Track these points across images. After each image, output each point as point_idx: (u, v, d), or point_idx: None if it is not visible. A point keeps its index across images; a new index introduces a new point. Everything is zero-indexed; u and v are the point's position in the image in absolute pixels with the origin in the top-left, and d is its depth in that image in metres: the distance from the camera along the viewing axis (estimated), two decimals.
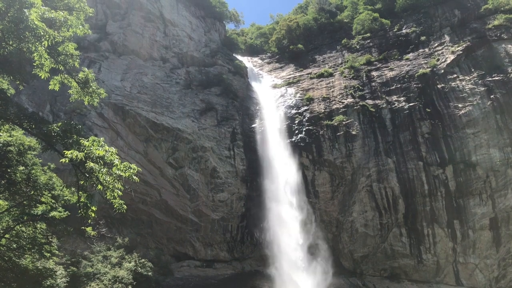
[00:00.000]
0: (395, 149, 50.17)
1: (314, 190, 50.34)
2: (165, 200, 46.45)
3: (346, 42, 69.88)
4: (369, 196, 48.89)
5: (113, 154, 14.38)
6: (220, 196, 48.68)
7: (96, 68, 49.69)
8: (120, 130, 46.56)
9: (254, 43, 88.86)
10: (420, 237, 47.21)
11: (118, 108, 47.38)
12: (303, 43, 74.67)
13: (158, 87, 52.64)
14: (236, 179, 50.11)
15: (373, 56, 63.19)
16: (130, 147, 46.47)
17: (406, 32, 64.36)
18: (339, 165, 50.40)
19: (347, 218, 49.31)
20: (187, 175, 47.73)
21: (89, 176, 14.30)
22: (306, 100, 57.55)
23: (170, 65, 57.34)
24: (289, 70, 69.07)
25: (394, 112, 52.37)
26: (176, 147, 48.59)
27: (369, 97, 55.29)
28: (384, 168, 49.18)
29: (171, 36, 60.69)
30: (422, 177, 47.79)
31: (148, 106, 49.26)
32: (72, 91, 16.63)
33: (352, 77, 59.51)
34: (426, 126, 49.85)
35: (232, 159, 50.79)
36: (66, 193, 24.65)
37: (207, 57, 62.59)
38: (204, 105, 53.94)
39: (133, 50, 55.47)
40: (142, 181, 43.88)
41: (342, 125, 52.34)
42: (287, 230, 47.42)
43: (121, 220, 44.55)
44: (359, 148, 50.87)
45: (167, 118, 49.49)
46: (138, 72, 52.83)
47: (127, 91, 49.49)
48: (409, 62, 58.12)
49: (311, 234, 48.03)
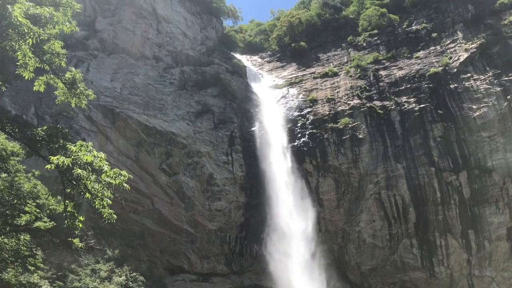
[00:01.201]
0: (405, 153, 50.17)
1: (318, 198, 50.29)
2: (158, 209, 46.36)
3: (352, 40, 69.98)
4: (377, 204, 48.84)
5: (102, 160, 14.34)
6: (217, 205, 48.61)
7: (84, 68, 49.68)
8: (109, 134, 46.54)
9: (253, 40, 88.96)
10: (432, 248, 47.13)
11: (107, 111, 47.38)
12: (306, 40, 74.78)
13: (151, 87, 52.66)
14: (235, 186, 50.05)
15: (381, 54, 63.29)
16: (121, 152, 46.45)
17: (416, 28, 64.51)
18: (345, 171, 50.38)
19: (353, 228, 49.24)
20: (181, 182, 47.68)
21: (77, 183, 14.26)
22: (309, 102, 57.58)
23: (163, 64, 57.39)
24: (291, 70, 69.14)
25: (404, 114, 52.40)
26: (170, 152, 48.56)
27: (376, 98, 55.34)
28: (393, 174, 49.15)
29: (164, 34, 60.79)
30: (434, 183, 47.76)
31: (139, 108, 49.27)
32: (59, 92, 16.62)
33: (359, 77, 59.58)
34: (438, 129, 49.88)
35: (230, 165, 50.76)
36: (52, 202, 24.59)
37: (203, 56, 62.67)
38: (200, 107, 53.96)
39: (123, 49, 55.54)
40: (134, 189, 43.84)
41: (348, 128, 52.36)
42: (289, 242, 47.32)
43: (110, 231, 44.43)
44: (366, 153, 50.87)
45: (160, 121, 49.49)
46: (129, 71, 52.86)
47: (117, 92, 49.51)
48: (420, 61, 58.21)
49: (315, 245, 47.93)
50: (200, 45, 64.50)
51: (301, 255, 46.90)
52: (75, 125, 44.84)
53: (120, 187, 14.65)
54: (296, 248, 47.20)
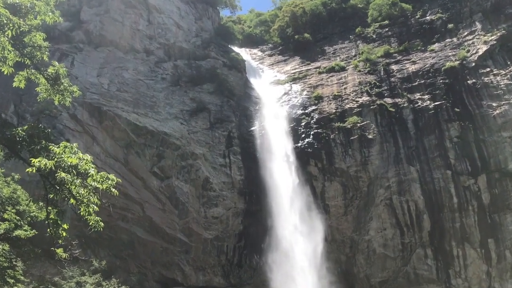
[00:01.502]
0: (418, 155, 50.17)
1: (324, 204, 50.28)
2: (149, 216, 46.36)
3: (360, 31, 69.99)
4: (388, 211, 48.83)
5: (88, 162, 14.34)
6: (213, 212, 48.60)
7: (68, 62, 49.72)
8: (96, 135, 46.55)
9: (253, 32, 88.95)
10: (448, 259, 47.10)
11: (94, 109, 47.39)
12: (310, 32, 74.77)
13: (141, 83, 52.68)
14: (233, 191, 50.05)
15: (392, 47, 63.27)
16: (108, 154, 46.46)
17: (431, 19, 64.50)
18: (353, 175, 50.38)
19: (362, 237, 49.23)
20: (174, 186, 47.67)
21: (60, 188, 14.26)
22: (314, 99, 57.57)
23: (155, 58, 57.40)
24: (294, 64, 69.15)
25: (417, 113, 52.40)
26: (162, 154, 48.56)
27: (387, 95, 55.34)
28: (406, 178, 49.15)
29: (156, 25, 60.81)
30: (451, 188, 47.75)
31: (129, 106, 49.28)
32: (40, 88, 16.63)
33: (368, 72, 59.58)
34: (455, 128, 49.88)
35: (227, 168, 50.75)
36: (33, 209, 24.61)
37: (198, 49, 62.68)
38: (195, 104, 53.97)
39: (111, 41, 55.55)
40: (122, 194, 43.82)
41: (356, 128, 52.36)
42: (293, 252, 47.27)
43: (97, 240, 44.43)
44: (376, 155, 50.87)
45: (152, 120, 49.49)
46: (117, 66, 52.88)
47: (104, 89, 49.52)
48: (435, 54, 58.22)
49: (321, 256, 47.88)
50: (194, 37, 64.51)
51: (305, 267, 46.82)
52: (59, 125, 44.85)
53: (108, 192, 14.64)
54: (300, 259, 47.12)
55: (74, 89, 17.13)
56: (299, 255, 47.14)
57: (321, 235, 48.53)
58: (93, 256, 43.28)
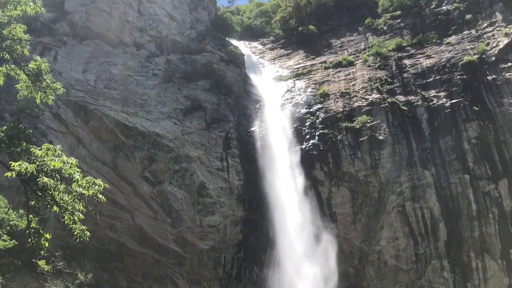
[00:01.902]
0: (433, 158, 50.16)
1: (330, 212, 50.26)
2: (139, 225, 46.32)
3: (370, 22, 70.08)
4: (401, 219, 48.79)
5: (72, 166, 14.34)
6: (210, 220, 48.57)
7: (51, 57, 49.76)
8: (82, 136, 46.54)
9: (253, 23, 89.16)
10: (466, 271, 47.03)
11: (79, 108, 47.39)
12: (315, 23, 74.88)
13: (131, 80, 52.70)
14: (231, 197, 50.04)
15: (405, 39, 63.35)
16: (95, 157, 46.44)
17: (447, 9, 64.58)
18: (362, 179, 50.37)
19: (373, 247, 49.20)
20: (167, 192, 47.65)
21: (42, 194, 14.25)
22: (319, 96, 57.63)
23: (145, 52, 57.45)
24: (297, 58, 69.23)
25: (432, 111, 52.42)
26: (153, 157, 48.56)
27: (400, 92, 55.38)
28: (420, 183, 49.13)
29: (147, 16, 60.89)
30: (469, 194, 47.70)
31: (117, 104, 49.30)
32: (21, 85, 16.62)
33: (378, 67, 59.65)
34: (474, 128, 49.88)
35: (225, 172, 50.74)
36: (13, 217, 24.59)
37: (192, 42, 62.73)
38: (189, 103, 54.00)
39: (98, 34, 55.57)
40: (110, 201, 43.79)
41: (366, 128, 52.38)
42: (296, 264, 47.25)
43: (83, 251, 44.39)
44: (387, 158, 50.88)
45: (142, 120, 49.51)
46: (105, 61, 52.90)
47: (90, 86, 49.53)
48: (451, 48, 58.27)
49: (327, 268, 47.83)
50: (189, 29, 64.58)
51: (309, 280, 46.77)
52: (41, 125, 44.82)
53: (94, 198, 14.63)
54: (304, 272, 47.06)
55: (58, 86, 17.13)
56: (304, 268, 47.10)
57: (329, 245, 48.49)
58: (78, 268, 43.20)
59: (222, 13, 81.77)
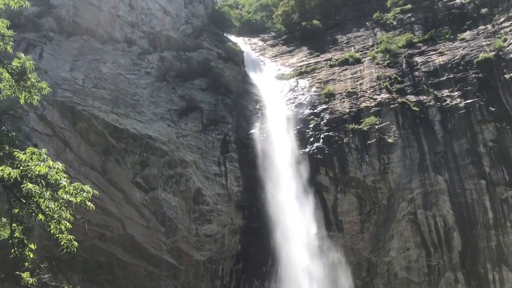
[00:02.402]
0: (447, 162, 50.15)
1: (336, 220, 50.21)
2: (130, 234, 46.26)
3: (378, 17, 70.15)
4: (412, 227, 48.74)
5: (59, 171, 14.35)
6: (206, 229, 48.51)
7: (36, 54, 49.79)
8: (69, 139, 46.53)
9: (253, 18, 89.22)
10: (483, 284, 46.96)
11: (66, 108, 47.38)
12: (320, 18, 74.99)
13: (122, 79, 52.72)
14: (229, 205, 50.01)
15: (416, 35, 63.40)
16: (83, 161, 46.43)
17: (461, 2, 64.64)
18: (370, 185, 50.35)
19: (382, 258, 49.15)
20: (161, 200, 47.61)
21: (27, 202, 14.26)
22: (324, 96, 57.66)
23: (137, 49, 57.48)
24: (300, 55, 69.30)
25: (446, 112, 52.43)
26: (146, 161, 48.54)
27: (410, 92, 55.41)
28: (432, 189, 49.11)
29: (139, 10, 60.95)
30: (485, 201, 47.66)
31: (107, 105, 49.30)
32: (4, 85, 16.66)
33: (388, 65, 59.71)
34: (490, 131, 49.89)
35: (223, 178, 50.72)
36: None
37: (188, 38, 62.78)
38: (185, 103, 54.00)
39: (87, 29, 55.62)
40: (99, 209, 43.76)
41: (374, 130, 52.39)
42: (299, 276, 47.20)
43: (70, 263, 44.36)
44: (397, 162, 50.87)
45: (134, 122, 49.51)
46: (94, 58, 52.92)
47: (78, 85, 49.55)
48: (466, 44, 58.29)
49: (333, 281, 47.82)
50: (184, 24, 64.63)
51: None
52: (25, 127, 44.82)
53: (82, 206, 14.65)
54: (308, 285, 47.02)
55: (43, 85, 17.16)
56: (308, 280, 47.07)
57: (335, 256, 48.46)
58: (65, 281, 43.17)
59: (220, 7, 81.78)
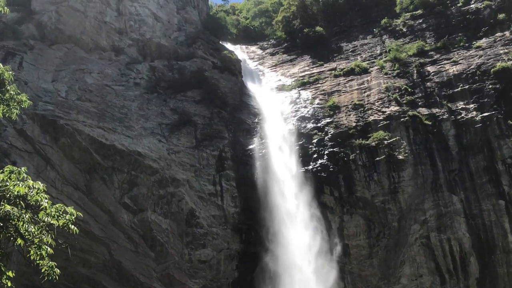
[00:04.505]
0: (463, 181, 50.12)
1: (342, 244, 50.02)
2: (117, 260, 46.10)
3: (387, 23, 70.44)
4: (425, 252, 48.62)
5: (40, 192, 14.36)
6: (200, 254, 48.36)
7: (15, 63, 49.86)
8: (50, 156, 46.50)
9: (251, 25, 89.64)
10: None
11: (48, 123, 47.39)
12: (323, 24, 75.29)
13: (108, 90, 52.78)
14: (225, 227, 49.88)
15: (428, 43, 63.62)
16: (66, 180, 46.37)
17: (477, 7, 64.95)
18: (379, 206, 50.28)
19: (392, 286, 48.96)
20: (150, 222, 47.49)
21: (4, 225, 14.25)
22: (328, 109, 57.70)
23: (126, 58, 57.62)
24: (303, 65, 69.48)
25: (461, 126, 52.48)
26: (134, 180, 48.46)
27: (422, 104, 55.49)
28: (447, 210, 49.04)
29: (127, 16, 61.17)
30: (505, 223, 47.62)
31: (92, 119, 49.31)
32: None
33: (397, 75, 59.84)
34: (509, 146, 49.96)
35: (218, 198, 50.63)
36: None
37: (181, 46, 62.99)
38: (177, 116, 54.03)
39: (70, 37, 55.79)
40: (84, 232, 43.63)
41: (383, 146, 52.39)
42: None
43: None
44: (409, 181, 50.83)
45: (121, 137, 49.50)
46: (78, 68, 53.01)
47: (61, 97, 49.59)
48: (482, 52, 58.49)
49: None
50: (176, 31, 64.88)
51: None
52: (3, 143, 44.83)
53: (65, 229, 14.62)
54: None
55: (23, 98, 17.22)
56: None
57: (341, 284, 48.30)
58: None
59: (215, 13, 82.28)
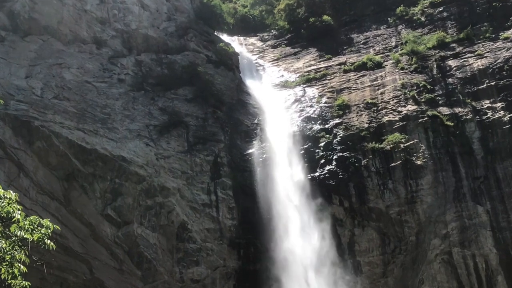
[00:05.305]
0: (489, 190, 50.14)
1: (353, 261, 50.06)
2: (99, 279, 46.07)
3: (403, 12, 70.50)
4: (446, 270, 48.60)
5: (11, 202, 14.31)
6: (193, 273, 48.33)
7: None
8: (24, 161, 46.45)
9: (250, 14, 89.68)
10: None
11: (21, 124, 47.35)
12: (331, 13, 75.39)
13: (89, 87, 52.75)
14: (221, 242, 49.86)
15: (449, 34, 63.68)
16: (41, 189, 46.31)
17: None
18: (395, 218, 50.28)
19: None
20: (137, 236, 47.46)
21: None
22: (337, 108, 57.73)
23: (109, 51, 57.60)
24: (308, 58, 69.55)
25: (487, 128, 52.51)
26: (118, 189, 48.42)
27: (443, 103, 55.52)
28: (471, 223, 49.04)
29: (111, 3, 61.18)
30: None
31: (71, 120, 49.27)
32: None
33: (415, 69, 59.91)
34: None
35: (213, 209, 50.63)
36: None
37: (171, 38, 63.01)
38: (166, 117, 54.03)
39: (46, 27, 55.79)
40: (61, 248, 43.60)
41: (399, 150, 52.41)
42: None
43: None
44: (428, 189, 50.83)
45: (104, 140, 49.46)
46: (55, 63, 52.99)
47: (36, 95, 49.56)
48: (510, 44, 58.54)
49: None
50: (166, 21, 64.90)
51: None
52: None
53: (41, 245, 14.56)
54: None
55: None
56: None
57: None
58: None
59: (209, 0, 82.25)
